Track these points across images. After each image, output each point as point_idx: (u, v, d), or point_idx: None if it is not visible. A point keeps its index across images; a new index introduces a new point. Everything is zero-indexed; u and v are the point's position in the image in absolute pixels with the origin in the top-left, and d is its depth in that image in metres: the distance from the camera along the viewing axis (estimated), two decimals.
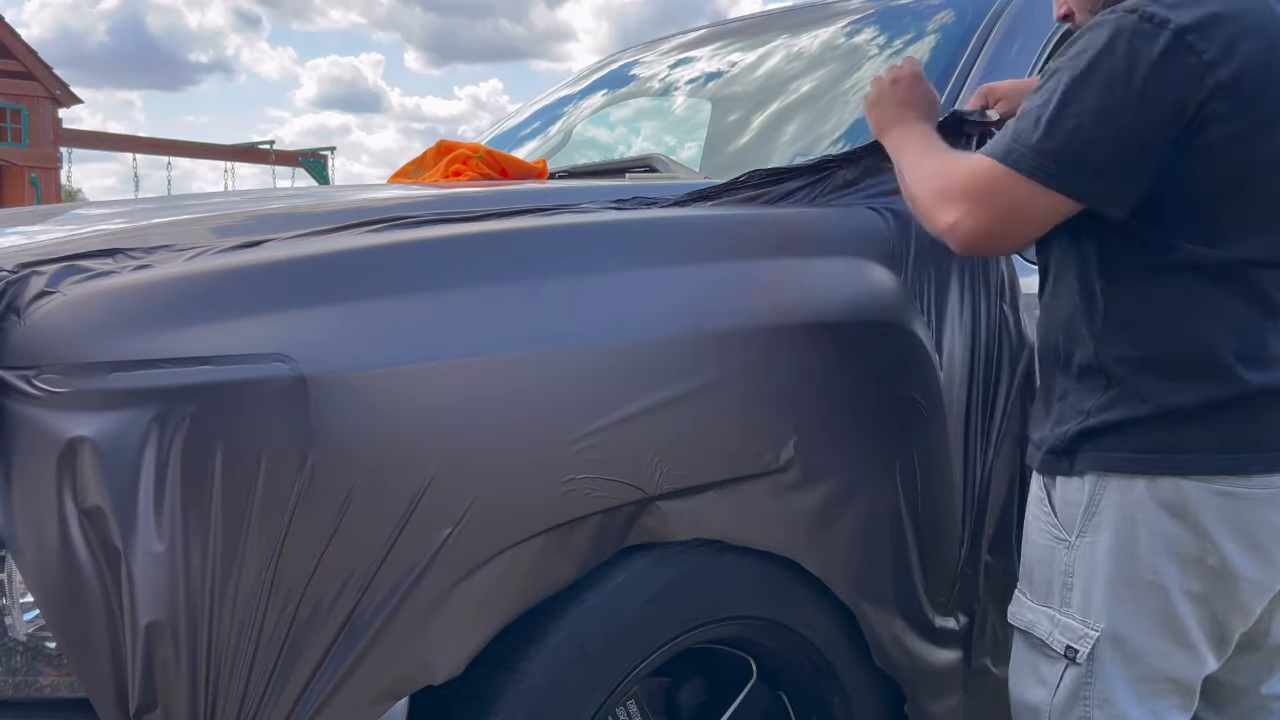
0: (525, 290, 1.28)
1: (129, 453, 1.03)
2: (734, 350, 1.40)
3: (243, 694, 1.06)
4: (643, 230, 1.48)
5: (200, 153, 21.60)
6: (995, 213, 1.38)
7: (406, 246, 1.28)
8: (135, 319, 1.10)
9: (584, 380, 1.27)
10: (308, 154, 22.04)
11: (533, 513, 1.21)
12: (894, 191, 1.64)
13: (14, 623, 1.10)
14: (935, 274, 1.66)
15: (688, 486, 1.33)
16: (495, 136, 2.92)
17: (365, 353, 1.14)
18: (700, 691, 1.54)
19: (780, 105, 2.29)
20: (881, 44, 2.26)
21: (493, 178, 2.08)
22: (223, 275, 1.17)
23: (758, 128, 2.30)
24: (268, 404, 1.07)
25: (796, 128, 2.21)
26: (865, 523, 1.52)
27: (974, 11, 2.12)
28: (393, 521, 1.12)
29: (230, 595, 1.05)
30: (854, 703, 1.58)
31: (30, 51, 17.27)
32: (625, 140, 2.86)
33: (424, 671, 1.15)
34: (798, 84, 2.30)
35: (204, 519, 1.04)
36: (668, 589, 1.35)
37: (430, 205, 1.49)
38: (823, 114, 2.20)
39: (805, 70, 2.33)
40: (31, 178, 16.75)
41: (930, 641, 1.62)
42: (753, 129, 2.31)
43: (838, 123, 2.13)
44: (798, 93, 2.28)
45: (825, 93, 2.23)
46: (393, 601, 1.12)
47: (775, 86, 2.35)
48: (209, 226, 1.37)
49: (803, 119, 2.22)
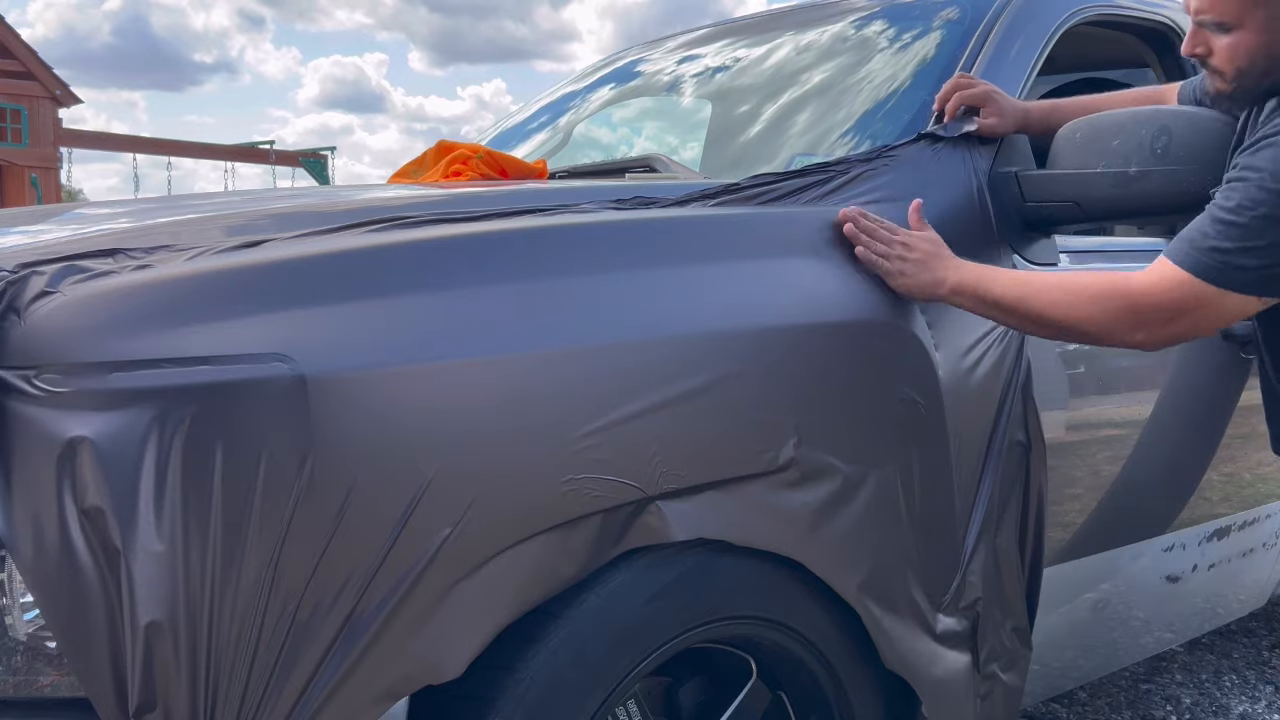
0: (525, 291, 1.28)
1: (129, 453, 1.03)
2: (734, 350, 1.40)
3: (243, 694, 1.06)
4: (642, 230, 1.48)
5: (200, 153, 21.61)
6: (1195, 323, 1.51)
7: (406, 247, 1.28)
8: (135, 319, 1.10)
9: (583, 380, 1.26)
10: (308, 154, 22.05)
11: (533, 513, 1.21)
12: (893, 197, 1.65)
13: (14, 623, 1.10)
14: None
15: (688, 486, 1.33)
16: (496, 136, 2.92)
17: (365, 353, 1.14)
18: (700, 691, 1.54)
19: (780, 105, 2.29)
20: (882, 43, 2.26)
21: (492, 178, 2.08)
22: (222, 275, 1.17)
23: (758, 127, 2.30)
24: (268, 404, 1.07)
25: (797, 127, 2.20)
26: (865, 522, 1.51)
27: (974, 11, 2.12)
28: (393, 521, 1.12)
29: (230, 595, 1.05)
30: (854, 703, 1.58)
31: (30, 51, 17.26)
32: (626, 140, 2.86)
33: (424, 671, 1.15)
34: (798, 83, 2.30)
35: (204, 519, 1.04)
36: (668, 589, 1.35)
37: (431, 205, 1.49)
38: (824, 114, 2.19)
39: (806, 69, 2.33)
40: (32, 178, 16.74)
41: (933, 642, 1.62)
42: (753, 129, 2.31)
43: (838, 122, 2.13)
44: (798, 92, 2.28)
45: (825, 92, 2.23)
46: (393, 602, 1.12)
47: (775, 86, 2.35)
48: (220, 226, 1.37)
49: (803, 119, 2.22)
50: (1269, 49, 1.57)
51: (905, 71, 2.12)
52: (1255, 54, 1.57)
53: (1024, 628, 1.78)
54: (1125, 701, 2.77)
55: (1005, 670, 1.74)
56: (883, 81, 2.14)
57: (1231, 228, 1.48)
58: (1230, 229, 1.48)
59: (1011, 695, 1.76)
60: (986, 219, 1.81)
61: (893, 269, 1.58)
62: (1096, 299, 1.55)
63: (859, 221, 1.59)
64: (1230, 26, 1.58)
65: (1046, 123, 1.91)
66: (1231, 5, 1.56)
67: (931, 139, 1.83)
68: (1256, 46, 1.57)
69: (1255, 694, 2.82)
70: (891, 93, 2.10)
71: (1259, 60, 1.58)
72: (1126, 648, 2.25)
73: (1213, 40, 1.60)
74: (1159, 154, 1.76)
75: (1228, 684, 2.88)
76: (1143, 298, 1.52)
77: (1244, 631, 3.26)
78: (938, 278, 1.59)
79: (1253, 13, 1.56)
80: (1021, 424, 1.73)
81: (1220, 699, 2.79)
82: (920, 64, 2.10)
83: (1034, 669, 1.87)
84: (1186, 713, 2.71)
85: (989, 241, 1.80)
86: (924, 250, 1.60)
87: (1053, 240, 1.93)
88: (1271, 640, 3.19)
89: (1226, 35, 1.58)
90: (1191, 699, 2.78)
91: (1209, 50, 1.61)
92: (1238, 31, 1.57)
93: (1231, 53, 1.59)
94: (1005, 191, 1.86)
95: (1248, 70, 1.59)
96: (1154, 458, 2.09)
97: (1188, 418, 2.16)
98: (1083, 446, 1.96)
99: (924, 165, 1.80)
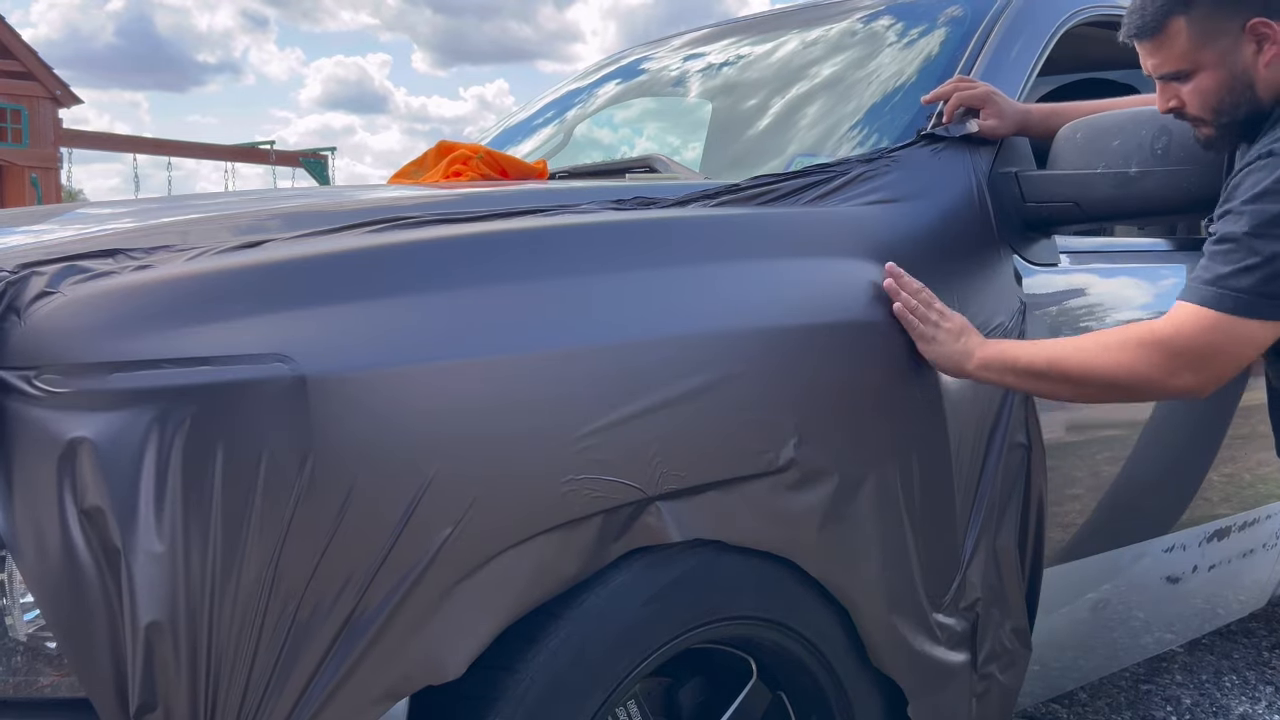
0: (525, 291, 1.28)
1: (129, 453, 1.03)
2: (734, 350, 1.40)
3: (243, 694, 1.06)
4: (642, 231, 1.48)
5: (200, 153, 21.62)
6: (1235, 358, 1.53)
7: (406, 247, 1.28)
8: (135, 319, 1.10)
9: (584, 381, 1.26)
10: (308, 154, 22.07)
11: (533, 513, 1.21)
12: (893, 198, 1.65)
13: (14, 623, 1.10)
14: (936, 274, 1.66)
15: (688, 487, 1.33)
16: (497, 136, 2.92)
17: (365, 353, 1.14)
18: (700, 691, 1.54)
19: (781, 105, 2.29)
20: (883, 43, 2.26)
21: (493, 178, 2.09)
22: (223, 276, 1.17)
23: (758, 127, 2.30)
24: (268, 404, 1.07)
25: (797, 127, 2.20)
26: (865, 523, 1.51)
27: (973, 12, 2.12)
28: (393, 521, 1.12)
29: (230, 595, 1.05)
30: (854, 703, 1.58)
31: (30, 51, 17.26)
32: (627, 140, 2.86)
33: (424, 672, 1.15)
34: (798, 83, 2.30)
35: (204, 519, 1.04)
36: (668, 589, 1.35)
37: (434, 206, 1.49)
38: (824, 114, 2.19)
39: (806, 69, 2.33)
40: (32, 178, 16.74)
41: (931, 642, 1.62)
42: (753, 129, 2.31)
43: (839, 122, 2.13)
44: (798, 92, 2.28)
45: (826, 92, 2.23)
46: (393, 602, 1.12)
47: (775, 86, 2.35)
48: (230, 226, 1.37)
49: (804, 119, 2.22)
50: (1231, 81, 1.60)
51: (908, 70, 2.12)
52: (1222, 90, 1.61)
53: (1024, 628, 1.78)
54: (1125, 702, 2.77)
55: (1003, 671, 1.74)
56: (883, 82, 2.14)
57: (1253, 262, 1.51)
58: (1255, 265, 1.51)
59: (1007, 695, 1.76)
60: (986, 219, 1.81)
61: (926, 333, 1.59)
62: (1125, 347, 1.56)
63: (902, 279, 1.59)
64: (1189, 72, 1.62)
65: (1046, 125, 1.91)
66: (1179, 54, 1.61)
67: (932, 140, 1.83)
68: (1220, 82, 1.61)
69: (1255, 694, 2.82)
70: (892, 93, 2.10)
71: (1227, 94, 1.61)
72: (1126, 648, 2.25)
73: (1180, 91, 1.64)
74: (1159, 154, 1.76)
75: (1228, 684, 2.88)
76: (1156, 341, 1.54)
77: (1244, 632, 3.26)
78: (967, 350, 1.60)
79: (1203, 52, 1.60)
80: (1022, 424, 1.73)
81: (1220, 699, 2.78)
82: (922, 64, 2.10)
83: (1034, 669, 1.87)
84: (1186, 713, 2.71)
85: (989, 242, 1.80)
86: (958, 323, 1.61)
87: (1053, 240, 1.93)
88: (1271, 641, 3.19)
89: (1189, 82, 1.62)
90: (1191, 699, 2.78)
91: (1181, 102, 1.65)
92: (1198, 75, 1.61)
93: (1201, 97, 1.63)
94: (1005, 192, 1.86)
95: (1222, 107, 1.62)
96: (1154, 458, 2.09)
97: (1187, 418, 2.16)
98: (1083, 447, 1.96)
99: (924, 166, 1.80)
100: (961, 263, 1.73)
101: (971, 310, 1.69)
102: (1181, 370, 1.54)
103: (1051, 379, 1.60)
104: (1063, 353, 1.59)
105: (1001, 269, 1.79)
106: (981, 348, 1.60)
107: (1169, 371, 1.54)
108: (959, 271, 1.72)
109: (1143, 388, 1.57)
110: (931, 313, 1.59)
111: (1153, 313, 2.09)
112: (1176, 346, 1.53)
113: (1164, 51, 1.62)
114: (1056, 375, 1.59)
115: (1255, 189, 1.51)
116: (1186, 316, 1.54)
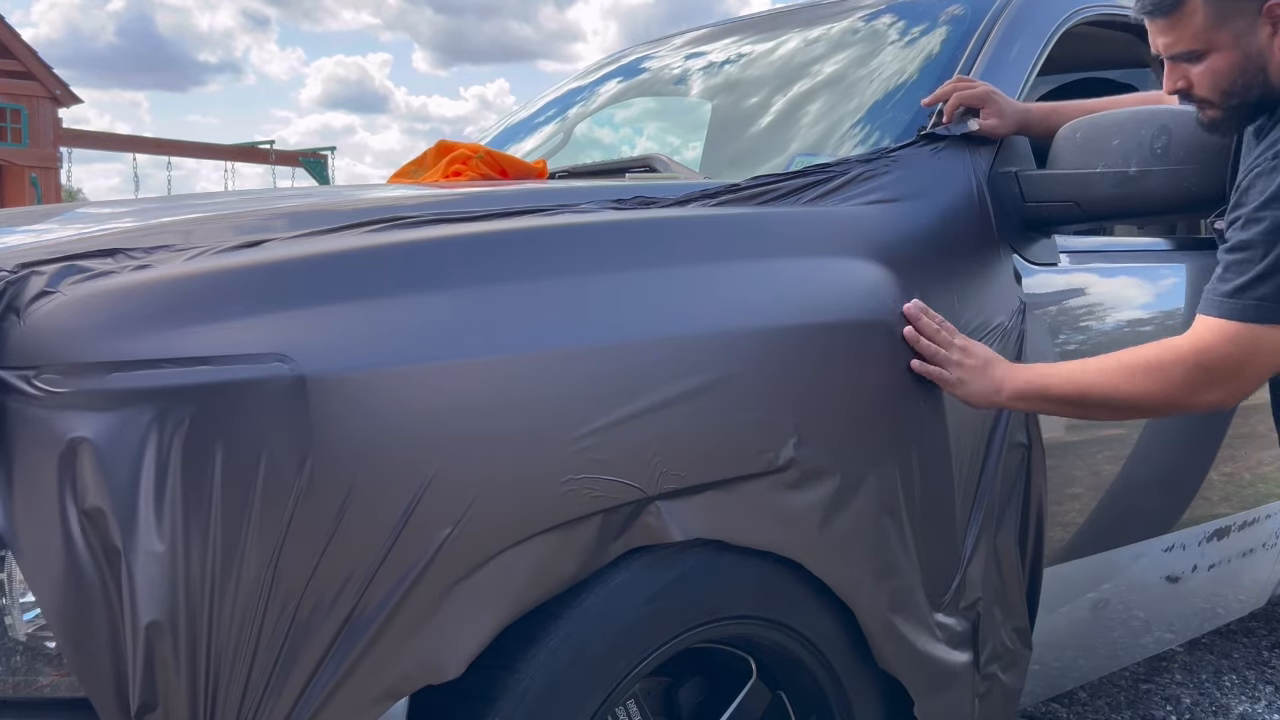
0: (525, 291, 1.28)
1: (129, 453, 1.03)
2: (734, 350, 1.40)
3: (243, 694, 1.06)
4: (642, 230, 1.48)
5: (200, 153, 21.63)
6: (1263, 368, 1.53)
7: (406, 247, 1.28)
8: (135, 319, 1.10)
9: (583, 380, 1.26)
10: (308, 154, 22.07)
11: (533, 513, 1.21)
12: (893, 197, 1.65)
13: (14, 623, 1.10)
14: (935, 273, 1.66)
15: (688, 486, 1.33)
16: (497, 135, 2.91)
17: (365, 353, 1.14)
18: (700, 691, 1.54)
19: (781, 104, 2.29)
20: (884, 43, 2.26)
21: (492, 178, 2.08)
22: (222, 275, 1.17)
23: (758, 127, 2.30)
24: (267, 404, 1.07)
25: (797, 127, 2.20)
26: (865, 522, 1.51)
27: (974, 12, 2.12)
28: (393, 521, 1.11)
29: (230, 595, 1.05)
30: (854, 702, 1.58)
31: (30, 51, 17.26)
32: (627, 140, 2.86)
33: (424, 671, 1.15)
34: (798, 82, 2.30)
35: (204, 519, 1.04)
36: (668, 589, 1.35)
37: (434, 205, 1.49)
38: (824, 113, 2.19)
39: (807, 68, 2.33)
40: (32, 178, 16.74)
41: (934, 642, 1.62)
42: (753, 128, 2.31)
43: (839, 122, 2.13)
44: (798, 91, 2.28)
45: (826, 92, 2.23)
46: (393, 601, 1.12)
47: (775, 85, 2.35)
48: (233, 225, 1.36)
49: (804, 118, 2.22)
50: (1245, 63, 1.58)
51: (909, 69, 2.12)
52: (1234, 72, 1.59)
53: (1024, 628, 1.78)
54: (1125, 701, 2.77)
55: (1005, 670, 1.74)
56: (884, 81, 2.14)
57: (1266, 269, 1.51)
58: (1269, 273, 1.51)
59: (1010, 695, 1.76)
60: (986, 219, 1.81)
61: (952, 378, 1.58)
62: (1150, 371, 1.56)
63: (920, 322, 1.58)
64: (1201, 53, 1.59)
65: (1046, 124, 1.91)
66: (1194, 33, 1.58)
67: (932, 139, 1.83)
68: (1233, 64, 1.59)
69: (1255, 694, 2.82)
70: (893, 92, 2.10)
71: (1239, 76, 1.59)
72: (1126, 648, 2.25)
73: (1189, 72, 1.62)
74: (1159, 154, 1.76)
75: (1228, 684, 2.88)
76: (1186, 357, 1.54)
77: (1244, 631, 3.26)
78: (996, 384, 1.60)
79: (1218, 33, 1.57)
80: (1021, 424, 1.73)
81: (1220, 699, 2.79)
82: (922, 63, 2.10)
83: (1034, 669, 1.87)
84: (1186, 713, 2.71)
85: (989, 242, 1.80)
86: (981, 355, 1.61)
87: (1053, 240, 1.93)
88: (1271, 640, 3.19)
89: (1201, 63, 1.60)
90: (1191, 699, 2.78)
91: (1189, 83, 1.63)
92: (1210, 56, 1.59)
93: (1212, 78, 1.60)
94: (1005, 191, 1.86)
95: (1233, 89, 1.60)
96: (1154, 458, 2.09)
97: (1187, 418, 2.16)
98: (1083, 446, 1.96)
99: (924, 165, 1.80)
100: (961, 262, 1.73)
101: (971, 310, 1.69)
102: (1210, 386, 1.54)
103: (1084, 407, 1.62)
104: (1091, 380, 1.59)
105: (1001, 268, 1.79)
106: (1009, 381, 1.60)
107: (1196, 389, 1.54)
108: (959, 271, 1.72)
109: (1171, 408, 1.58)
110: (953, 352, 1.58)
111: (1153, 312, 2.10)
112: (1203, 363, 1.53)
113: (1178, 30, 1.59)
114: (1091, 403, 1.60)
115: (1266, 193, 1.51)
116: (1209, 331, 1.53)
